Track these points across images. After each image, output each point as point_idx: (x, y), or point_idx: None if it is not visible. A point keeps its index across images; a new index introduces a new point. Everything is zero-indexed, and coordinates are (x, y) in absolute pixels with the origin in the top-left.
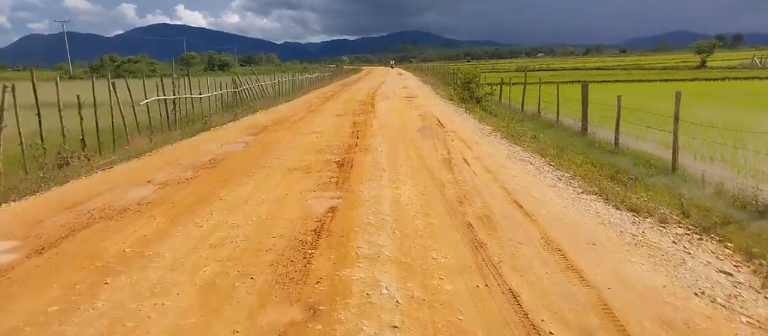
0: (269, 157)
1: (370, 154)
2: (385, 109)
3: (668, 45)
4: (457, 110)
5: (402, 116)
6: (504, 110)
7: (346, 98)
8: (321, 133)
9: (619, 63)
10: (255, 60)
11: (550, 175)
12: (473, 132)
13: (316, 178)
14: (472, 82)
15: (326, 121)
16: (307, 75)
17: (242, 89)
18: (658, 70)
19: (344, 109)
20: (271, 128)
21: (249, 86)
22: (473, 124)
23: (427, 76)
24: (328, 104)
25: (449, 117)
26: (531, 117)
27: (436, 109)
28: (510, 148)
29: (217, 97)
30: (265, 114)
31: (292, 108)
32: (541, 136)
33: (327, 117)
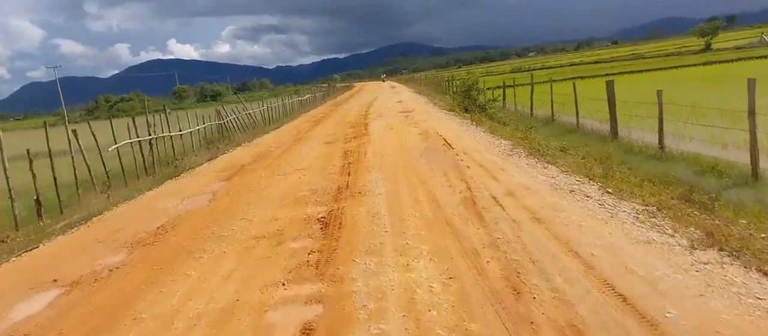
0: (234, 218)
1: (366, 200)
2: (381, 130)
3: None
4: (462, 122)
5: (400, 137)
6: (513, 117)
7: (336, 120)
8: (305, 171)
9: (615, 54)
10: (248, 86)
11: (625, 215)
12: (489, 150)
13: (288, 256)
14: (473, 89)
15: (313, 153)
16: (297, 97)
17: (227, 120)
18: (660, 57)
19: (334, 134)
20: (249, 168)
21: (235, 116)
22: (486, 140)
23: (421, 87)
24: (318, 129)
25: (455, 132)
26: (544, 121)
27: (437, 124)
28: (545, 172)
29: (201, 131)
30: (247, 148)
31: (278, 137)
32: (569, 147)
33: (315, 146)
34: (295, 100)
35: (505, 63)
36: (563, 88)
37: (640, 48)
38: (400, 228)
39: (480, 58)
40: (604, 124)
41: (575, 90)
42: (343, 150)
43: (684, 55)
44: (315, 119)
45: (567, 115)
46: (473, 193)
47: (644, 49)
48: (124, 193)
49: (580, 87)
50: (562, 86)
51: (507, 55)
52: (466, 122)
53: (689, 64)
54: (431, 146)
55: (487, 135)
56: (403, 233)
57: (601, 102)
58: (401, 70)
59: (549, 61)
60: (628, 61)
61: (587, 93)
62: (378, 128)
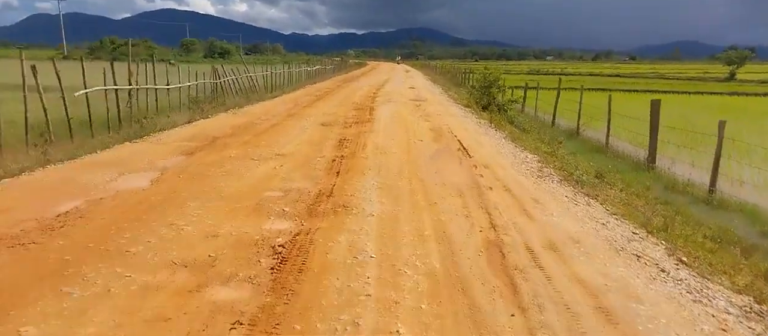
0: (162, 220)
1: (350, 223)
2: (387, 118)
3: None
4: (480, 123)
5: (408, 131)
6: (534, 124)
7: (341, 98)
8: (286, 159)
9: (636, 70)
10: (260, 49)
11: (732, 318)
12: (515, 166)
13: (198, 327)
14: (493, 86)
15: (303, 135)
16: (305, 67)
17: (224, 81)
18: (682, 80)
19: (334, 114)
20: (221, 142)
21: (234, 77)
22: (509, 151)
23: (436, 75)
24: (318, 105)
25: (473, 135)
26: (567, 134)
27: (452, 121)
28: (590, 212)
29: (192, 88)
30: (233, 116)
31: (271, 108)
32: (604, 172)
33: (307, 126)
34: (303, 69)
35: (522, 63)
36: (586, 98)
37: (661, 67)
38: (390, 292)
39: (497, 54)
40: (636, 148)
41: (610, 104)
42: (340, 137)
43: (708, 81)
44: (318, 94)
45: (592, 130)
46: (500, 234)
47: (665, 69)
48: (67, 151)
49: (601, 100)
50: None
51: (524, 55)
52: (484, 123)
53: (714, 92)
54: (444, 149)
55: (509, 143)
56: (393, 306)
57: (631, 120)
58: (417, 55)
59: (567, 67)
60: (650, 79)
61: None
62: (384, 115)
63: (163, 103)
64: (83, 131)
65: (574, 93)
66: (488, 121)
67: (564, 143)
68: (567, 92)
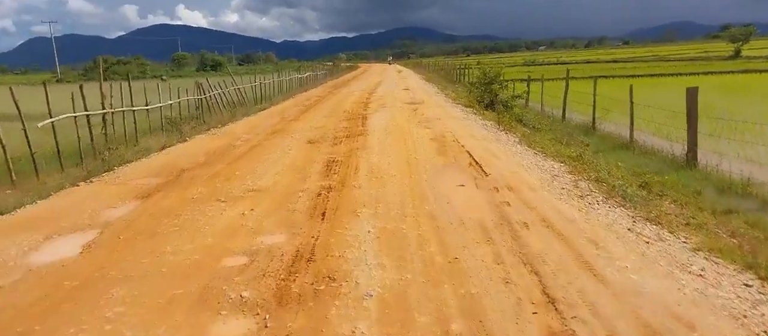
0: None
1: (335, 318)
2: (382, 128)
3: (673, 35)
4: (486, 126)
5: (407, 143)
6: (543, 121)
7: (331, 106)
8: (260, 196)
9: (634, 55)
10: (253, 58)
11: None
12: (546, 185)
13: None
14: (495, 82)
15: (285, 158)
16: (296, 75)
17: (210, 96)
18: (684, 61)
19: (323, 127)
20: (186, 178)
21: (220, 91)
22: (529, 160)
23: (429, 73)
24: (306, 117)
25: (482, 143)
26: (582, 129)
27: (455, 126)
28: (671, 250)
29: (175, 107)
30: (212, 137)
31: (255, 124)
32: (650, 183)
33: (292, 145)
34: (293, 77)
35: (516, 55)
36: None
37: (659, 49)
38: None
39: (489, 48)
40: (663, 140)
41: (632, 94)
42: (328, 158)
43: (712, 61)
44: (307, 103)
45: (609, 123)
46: (566, 319)
47: (664, 51)
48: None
49: (606, 87)
50: (581, 84)
51: (516, 46)
52: (490, 125)
53: (722, 71)
54: (452, 164)
55: (525, 150)
56: None
57: (647, 109)
58: (409, 54)
59: (563, 56)
60: (650, 62)
61: (619, 95)
62: (379, 125)
63: (143, 125)
64: (53, 164)
65: (575, 83)
66: (495, 122)
67: (585, 143)
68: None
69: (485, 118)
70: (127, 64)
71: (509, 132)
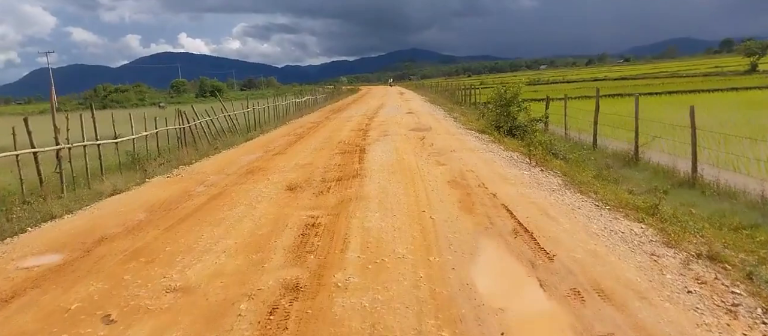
0: None
1: None
2: (384, 165)
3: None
4: (513, 160)
5: (417, 189)
6: (574, 149)
7: (325, 135)
8: (178, 305)
9: (643, 71)
10: (255, 84)
11: None
12: (652, 278)
13: None
14: (513, 104)
15: (247, 219)
16: (294, 99)
17: (193, 125)
18: (698, 76)
19: (311, 165)
20: (95, 257)
21: (204, 120)
22: (597, 222)
23: (433, 95)
24: (293, 150)
25: (518, 188)
26: (623, 160)
27: (474, 160)
28: None
29: (152, 137)
30: (166, 182)
31: (233, 159)
32: None
33: (264, 194)
34: (291, 102)
35: (518, 74)
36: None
37: (667, 65)
38: None
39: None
40: (735, 174)
41: (693, 117)
42: (306, 220)
43: (728, 77)
44: (300, 131)
45: (654, 150)
46: None
47: (672, 67)
48: None
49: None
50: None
51: (516, 66)
52: (517, 158)
53: (742, 87)
54: (488, 230)
55: (579, 198)
56: None
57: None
58: (410, 76)
59: (568, 74)
60: (662, 78)
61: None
62: (380, 161)
63: (110, 161)
64: None
65: (589, 102)
66: (522, 154)
67: (632, 179)
68: (583, 101)
69: (507, 147)
70: (126, 91)
71: (545, 168)
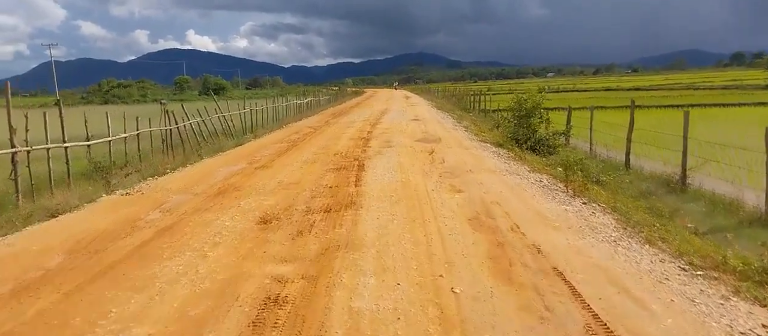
0: None
1: None
2: (385, 190)
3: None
4: (545, 185)
5: (428, 231)
6: (612, 172)
7: (322, 143)
8: None
9: (656, 83)
10: (260, 83)
11: None
12: None
13: None
14: (534, 115)
15: (180, 284)
16: (295, 100)
17: (182, 126)
18: (716, 89)
19: (297, 184)
20: None
21: (195, 121)
22: (703, 305)
23: (440, 100)
24: (282, 161)
25: (568, 237)
26: (664, 183)
27: (499, 186)
28: None
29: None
30: (122, 200)
31: (205, 173)
32: None
33: (225, 233)
34: (292, 103)
35: (524, 81)
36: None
37: (679, 77)
38: None
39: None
40: None
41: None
42: (268, 290)
43: (749, 91)
44: (296, 136)
45: (705, 175)
46: None
47: (685, 79)
48: None
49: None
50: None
51: (523, 73)
52: (547, 181)
53: None
54: (542, 321)
55: (660, 257)
56: None
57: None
58: (416, 80)
59: (577, 83)
60: (679, 90)
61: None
62: (381, 183)
63: (81, 165)
64: None
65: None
66: (552, 177)
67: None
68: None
69: (533, 167)
70: (128, 87)
71: (588, 200)
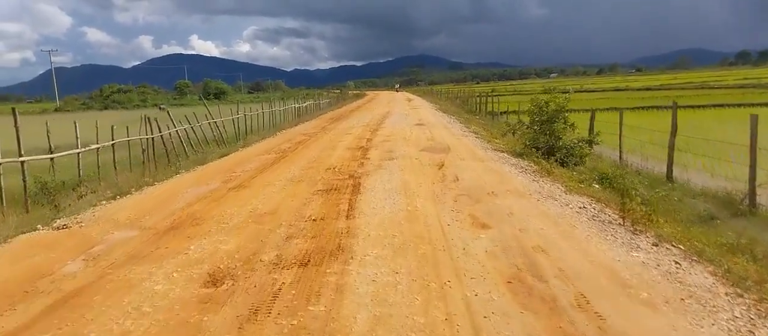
0: None
1: None
2: (386, 228)
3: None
4: (587, 212)
5: (453, 320)
6: (656, 187)
7: (315, 154)
8: None
9: (668, 82)
10: (262, 87)
11: None
12: None
13: None
14: (557, 120)
15: None
16: (294, 104)
17: (165, 135)
18: (734, 88)
19: (275, 214)
20: None
21: (182, 128)
22: None
23: (443, 102)
24: (262, 180)
25: (669, 319)
26: (724, 203)
27: (534, 218)
28: None
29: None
30: (28, 248)
31: (172, 195)
32: None
33: (145, 322)
34: (290, 107)
35: (526, 82)
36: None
37: (690, 76)
38: None
39: (498, 75)
40: None
41: None
42: None
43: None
44: (287, 145)
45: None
46: None
47: (699, 77)
48: None
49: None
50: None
51: (526, 74)
52: (591, 207)
53: None
54: None
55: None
56: None
57: None
58: (418, 82)
59: (584, 83)
60: (692, 90)
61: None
62: (380, 214)
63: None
64: None
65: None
66: (592, 198)
67: None
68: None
69: (569, 187)
70: (128, 92)
71: (658, 239)
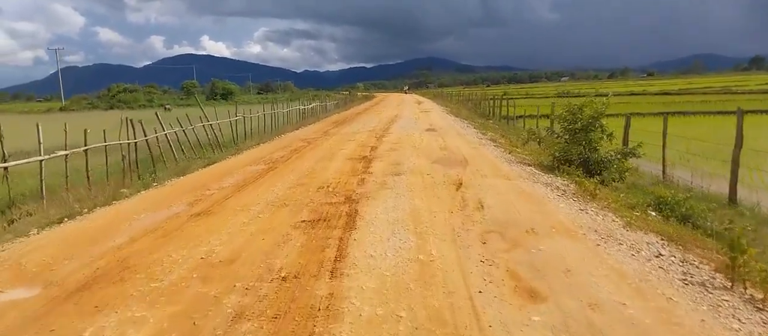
0: None
1: None
2: (387, 287)
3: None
4: (659, 256)
5: None
6: (732, 219)
7: (309, 165)
8: None
9: (684, 86)
10: (271, 87)
11: None
12: None
13: None
14: (593, 128)
15: None
16: (298, 106)
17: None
18: (757, 93)
19: (237, 258)
20: None
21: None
22: None
23: (454, 105)
24: (241, 202)
25: None
26: None
27: (600, 277)
28: None
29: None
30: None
31: (116, 225)
32: None
33: None
34: (294, 108)
35: (538, 85)
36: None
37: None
38: None
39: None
40: None
41: None
42: None
43: None
44: (281, 154)
45: None
46: None
47: (717, 82)
48: None
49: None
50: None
51: (536, 78)
52: (671, 253)
53: None
54: None
55: None
56: None
57: None
58: (427, 84)
59: (598, 87)
60: (712, 94)
61: None
62: (380, 262)
63: None
64: None
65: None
66: (661, 237)
67: None
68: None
69: (625, 219)
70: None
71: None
